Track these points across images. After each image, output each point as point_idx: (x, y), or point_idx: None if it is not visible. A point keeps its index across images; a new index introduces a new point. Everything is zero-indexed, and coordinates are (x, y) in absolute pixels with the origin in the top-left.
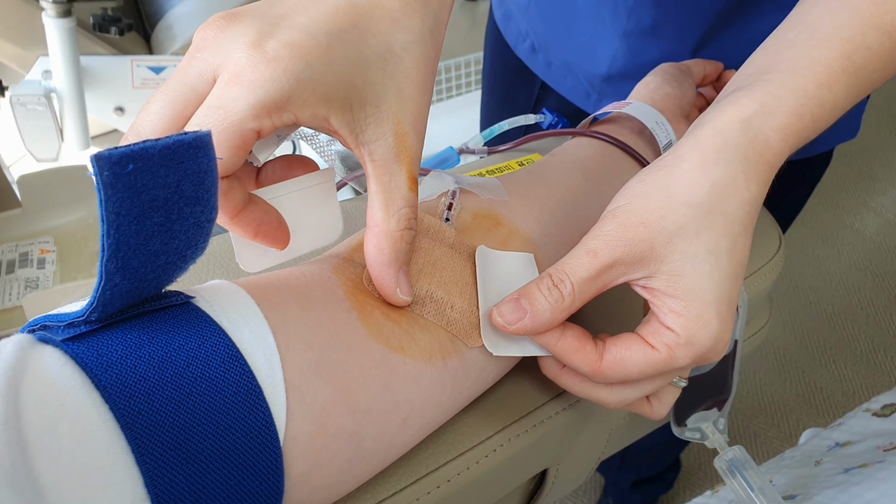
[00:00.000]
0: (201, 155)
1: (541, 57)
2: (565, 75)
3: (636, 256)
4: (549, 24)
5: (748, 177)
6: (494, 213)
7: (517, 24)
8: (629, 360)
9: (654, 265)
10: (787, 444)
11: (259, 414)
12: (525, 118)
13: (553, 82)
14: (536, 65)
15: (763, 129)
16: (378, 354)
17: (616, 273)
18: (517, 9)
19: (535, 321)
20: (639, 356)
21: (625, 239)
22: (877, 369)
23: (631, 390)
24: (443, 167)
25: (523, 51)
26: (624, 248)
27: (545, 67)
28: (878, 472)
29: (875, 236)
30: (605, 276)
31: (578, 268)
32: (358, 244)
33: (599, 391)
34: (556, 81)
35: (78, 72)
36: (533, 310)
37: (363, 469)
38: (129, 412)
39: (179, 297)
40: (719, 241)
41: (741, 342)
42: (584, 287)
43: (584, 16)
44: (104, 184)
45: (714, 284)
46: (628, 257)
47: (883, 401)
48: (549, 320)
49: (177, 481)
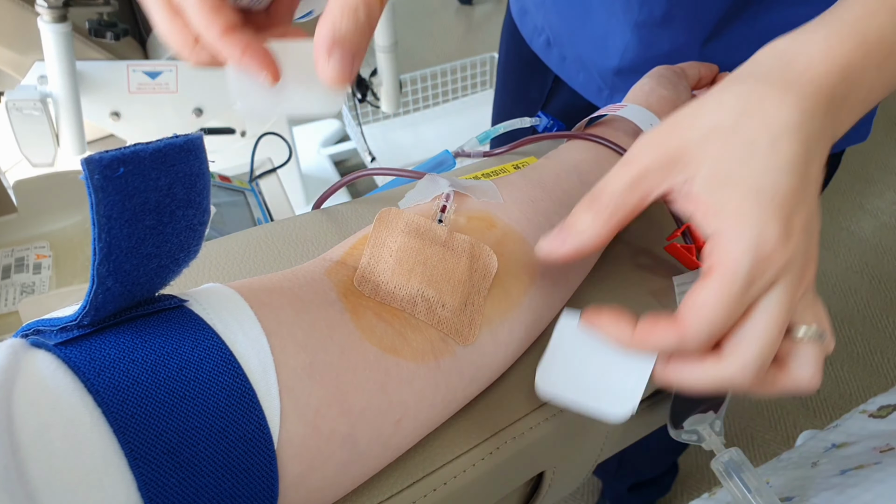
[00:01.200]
0: (192, 158)
1: (555, 51)
2: (578, 70)
3: (670, 159)
4: (563, 18)
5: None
6: (489, 214)
7: (533, 18)
8: (702, 300)
9: (693, 167)
10: (784, 446)
11: (253, 417)
12: (521, 121)
13: (567, 77)
14: (551, 59)
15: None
16: (371, 356)
17: (653, 181)
18: (533, 4)
19: (579, 238)
20: (708, 290)
21: (656, 144)
22: (873, 371)
23: (744, 347)
24: (438, 170)
25: (538, 45)
26: (656, 152)
27: (559, 62)
28: (875, 473)
29: (871, 239)
30: (642, 186)
31: (613, 180)
32: (351, 248)
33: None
34: (570, 76)
35: (74, 77)
36: (574, 230)
37: (358, 471)
38: (122, 416)
39: (172, 300)
40: (758, 135)
41: None
42: (620, 199)
43: (596, 8)
44: (95, 187)
45: (754, 174)
46: (662, 160)
47: (879, 402)
48: (594, 235)
49: (170, 485)
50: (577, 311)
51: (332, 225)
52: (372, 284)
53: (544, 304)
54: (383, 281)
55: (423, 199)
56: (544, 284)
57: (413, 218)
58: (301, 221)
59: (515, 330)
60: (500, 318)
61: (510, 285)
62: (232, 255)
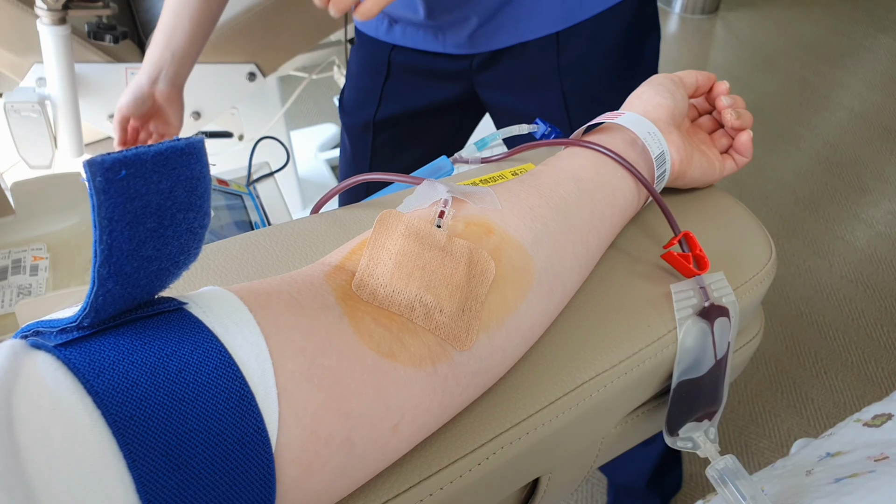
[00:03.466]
0: (194, 161)
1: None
2: None
3: None
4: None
5: None
6: (486, 220)
7: None
8: None
9: None
10: (779, 454)
11: (251, 420)
12: (518, 128)
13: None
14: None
15: None
16: (369, 360)
17: None
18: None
19: None
20: None
21: None
22: (867, 380)
23: None
24: (436, 176)
25: (381, 32)
26: None
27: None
28: (869, 482)
29: (866, 248)
30: None
31: None
32: (350, 252)
33: None
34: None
35: (72, 79)
36: None
37: (355, 475)
38: (121, 417)
39: (172, 302)
40: None
41: (732, 352)
42: None
43: None
44: (97, 189)
45: None
46: None
47: (873, 411)
48: None
49: (168, 487)
50: None
51: (330, 229)
52: (370, 289)
53: (541, 310)
54: (381, 284)
55: (421, 205)
56: (540, 291)
57: (414, 221)
58: (299, 225)
59: (512, 336)
60: (497, 324)
61: (507, 291)
62: (230, 258)
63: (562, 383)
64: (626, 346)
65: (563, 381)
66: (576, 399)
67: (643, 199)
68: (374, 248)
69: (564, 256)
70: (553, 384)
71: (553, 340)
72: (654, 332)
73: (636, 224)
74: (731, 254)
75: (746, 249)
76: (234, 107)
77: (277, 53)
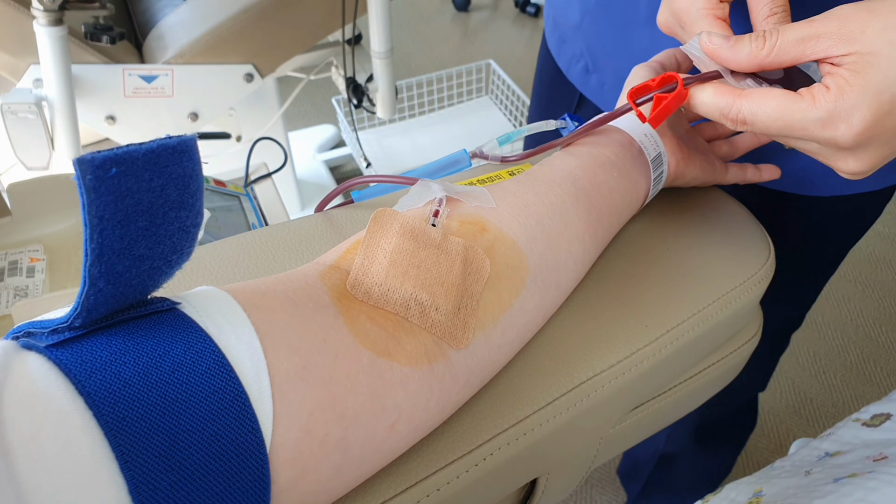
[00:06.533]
0: (186, 159)
1: (594, 78)
2: (617, 96)
3: (847, 34)
4: (603, 37)
5: None
6: (481, 219)
7: (571, 47)
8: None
9: (860, 46)
10: (777, 454)
11: (245, 420)
12: (545, 124)
13: (604, 105)
14: (589, 88)
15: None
16: (365, 360)
17: (822, 45)
18: (570, 29)
19: (735, 54)
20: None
21: (841, 16)
22: (866, 380)
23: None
24: (454, 169)
25: (576, 74)
26: (839, 23)
27: (598, 90)
28: (868, 482)
29: (865, 247)
30: (809, 44)
31: (792, 28)
32: (345, 252)
33: None
34: (608, 104)
35: (69, 80)
36: (735, 46)
37: (351, 475)
38: (113, 418)
39: (165, 302)
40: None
41: None
42: (787, 46)
43: (641, 25)
44: (87, 187)
45: None
46: (840, 32)
47: (872, 411)
48: (744, 58)
49: (161, 488)
50: None
51: (326, 229)
52: (365, 288)
53: (535, 306)
54: (377, 283)
55: (415, 205)
56: (535, 288)
57: (408, 219)
58: (295, 225)
59: (507, 333)
60: (492, 322)
61: (502, 289)
62: (226, 258)
63: (560, 383)
64: (625, 346)
65: (562, 382)
66: (574, 399)
67: (641, 199)
68: (369, 246)
69: (559, 254)
70: (551, 384)
71: (551, 340)
72: (652, 332)
73: (635, 223)
74: (729, 253)
75: (745, 249)
76: (232, 108)
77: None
